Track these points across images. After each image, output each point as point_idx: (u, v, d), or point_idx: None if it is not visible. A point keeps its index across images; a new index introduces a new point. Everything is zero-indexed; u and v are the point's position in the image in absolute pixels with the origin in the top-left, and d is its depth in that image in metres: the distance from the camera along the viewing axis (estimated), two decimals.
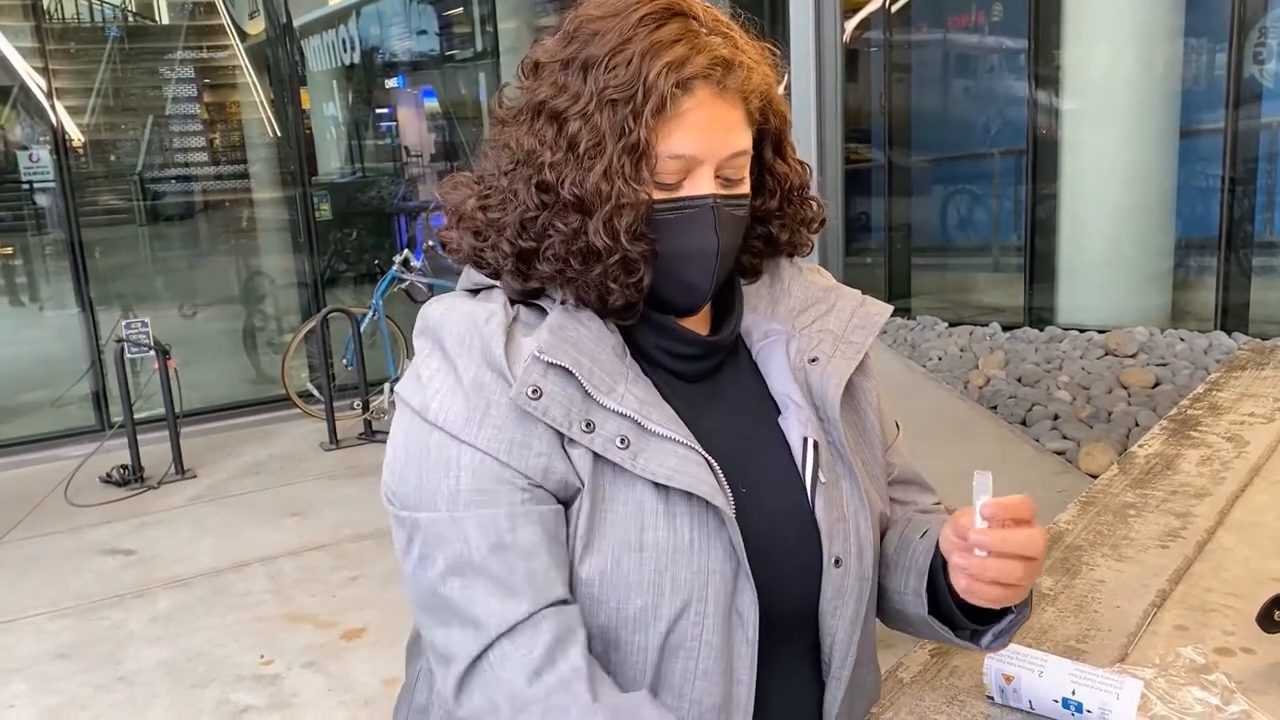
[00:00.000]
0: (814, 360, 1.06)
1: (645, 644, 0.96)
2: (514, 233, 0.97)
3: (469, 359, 0.95)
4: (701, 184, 0.96)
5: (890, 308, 1.15)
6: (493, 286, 1.03)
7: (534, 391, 0.92)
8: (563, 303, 0.99)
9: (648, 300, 1.01)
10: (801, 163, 1.09)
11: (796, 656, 1.06)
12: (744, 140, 0.99)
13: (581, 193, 0.93)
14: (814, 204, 1.11)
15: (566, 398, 0.94)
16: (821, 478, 1.02)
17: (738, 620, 0.97)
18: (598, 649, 0.96)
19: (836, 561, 1.03)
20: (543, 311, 1.00)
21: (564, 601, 0.93)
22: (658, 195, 0.96)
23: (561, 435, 0.94)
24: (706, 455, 0.96)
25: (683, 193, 0.96)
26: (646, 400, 0.96)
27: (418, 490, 0.95)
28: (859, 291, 1.14)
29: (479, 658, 0.92)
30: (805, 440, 0.99)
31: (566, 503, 0.96)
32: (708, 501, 0.94)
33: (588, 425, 0.94)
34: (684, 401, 1.01)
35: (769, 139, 1.06)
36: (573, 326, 0.97)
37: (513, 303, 1.01)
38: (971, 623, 1.02)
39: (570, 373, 0.94)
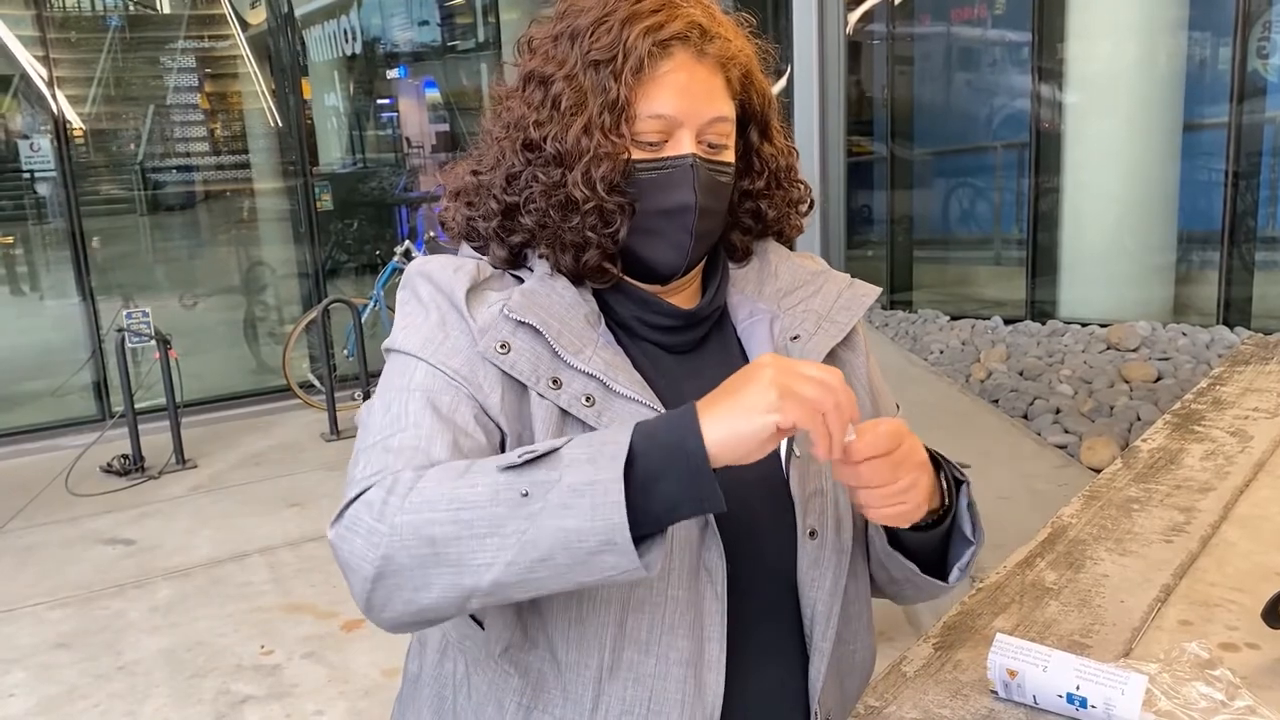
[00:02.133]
0: (795, 338, 1.09)
1: (609, 597, 0.98)
2: (500, 189, 1.03)
3: (436, 302, 1.01)
4: (682, 145, 1.00)
5: (878, 290, 1.17)
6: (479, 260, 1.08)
7: (502, 346, 0.97)
8: (541, 256, 1.04)
9: (633, 271, 1.06)
10: (788, 145, 1.13)
11: (779, 629, 1.08)
12: (725, 107, 1.03)
13: (562, 147, 0.99)
14: (801, 185, 1.15)
15: (534, 355, 0.98)
16: (796, 452, 1.05)
17: (705, 576, 1.00)
18: (563, 602, 0.98)
19: (812, 533, 1.05)
20: (514, 279, 1.05)
21: None
22: (639, 155, 1.00)
23: (517, 386, 0.98)
24: None
25: (664, 153, 1.00)
26: (614, 364, 1.00)
27: (379, 396, 1.00)
28: (848, 276, 1.17)
29: (372, 487, 0.90)
30: None
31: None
32: None
33: (555, 382, 0.97)
34: (663, 372, 1.04)
35: (755, 121, 1.10)
36: (545, 293, 1.02)
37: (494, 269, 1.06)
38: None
39: (539, 332, 0.98)
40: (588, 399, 0.97)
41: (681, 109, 0.99)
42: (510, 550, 0.83)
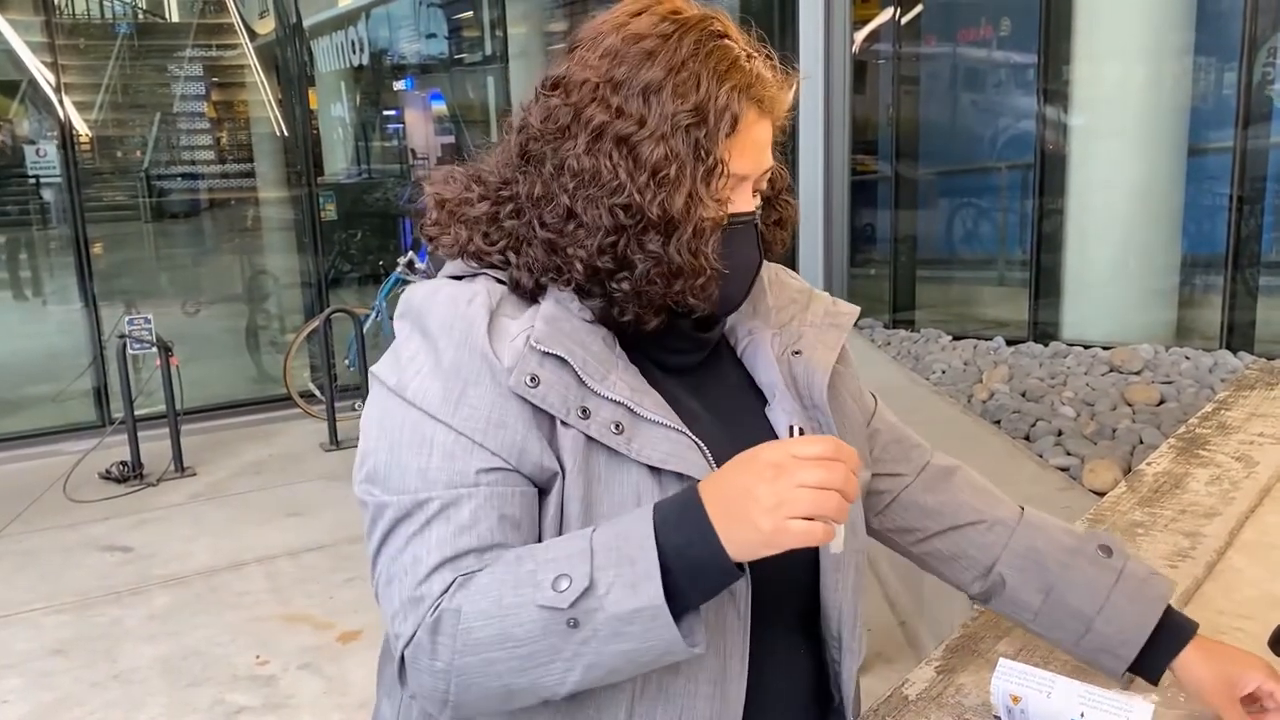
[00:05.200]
0: (798, 353, 1.11)
1: None
2: (591, 254, 0.97)
3: (449, 340, 0.96)
4: (748, 202, 1.02)
5: (858, 309, 1.21)
6: (477, 274, 1.04)
7: (532, 380, 0.95)
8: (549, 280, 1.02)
9: None
10: (780, 169, 1.13)
11: (791, 633, 1.10)
12: (771, 157, 1.04)
13: (666, 214, 0.95)
14: (790, 204, 1.16)
15: (563, 385, 0.96)
16: None
17: (728, 597, 1.00)
18: None
19: None
20: (525, 298, 1.02)
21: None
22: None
23: (546, 419, 0.96)
24: (697, 440, 0.99)
25: (734, 209, 1.00)
26: (638, 388, 0.99)
27: (388, 468, 0.96)
28: (827, 294, 1.22)
29: (417, 631, 0.92)
30: (791, 427, 1.01)
31: (543, 488, 0.97)
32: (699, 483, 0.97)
33: (584, 412, 0.96)
34: (665, 390, 1.04)
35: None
36: (565, 318, 1.00)
37: (499, 282, 1.03)
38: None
39: (565, 361, 0.96)
40: (616, 426, 0.96)
41: (754, 167, 1.01)
42: (577, 671, 0.89)
